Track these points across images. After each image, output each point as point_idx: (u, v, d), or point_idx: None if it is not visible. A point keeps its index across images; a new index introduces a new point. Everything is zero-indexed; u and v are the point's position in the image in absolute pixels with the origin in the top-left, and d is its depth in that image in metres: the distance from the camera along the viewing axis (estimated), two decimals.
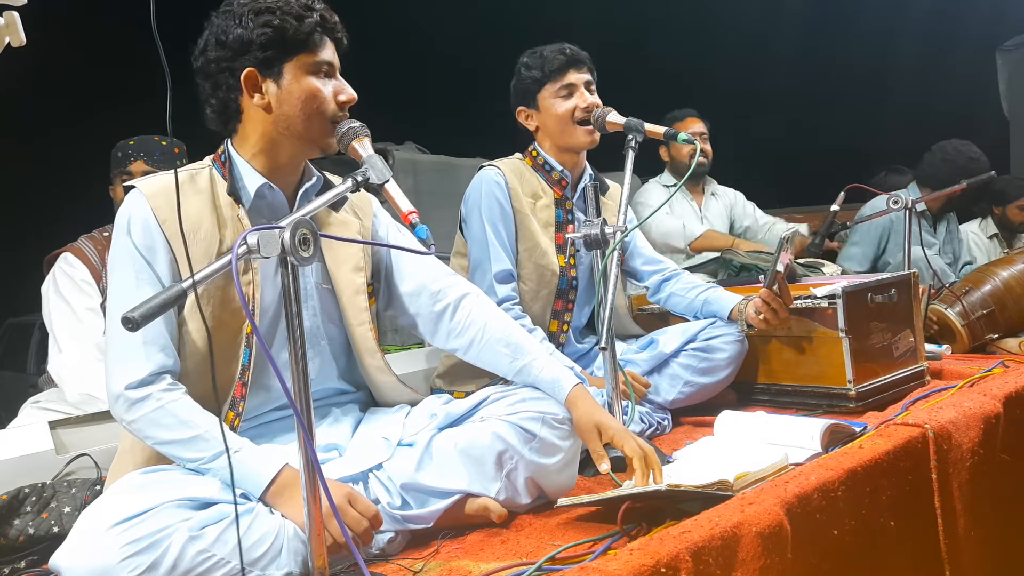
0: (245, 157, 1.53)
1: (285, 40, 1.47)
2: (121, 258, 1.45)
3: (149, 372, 1.39)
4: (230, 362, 1.48)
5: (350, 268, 1.63)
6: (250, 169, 1.52)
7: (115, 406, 1.41)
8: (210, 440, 1.36)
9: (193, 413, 1.39)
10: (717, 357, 2.25)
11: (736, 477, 1.44)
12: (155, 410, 1.37)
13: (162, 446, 1.38)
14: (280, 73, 1.48)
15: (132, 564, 1.17)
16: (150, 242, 1.44)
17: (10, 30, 1.15)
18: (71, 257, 2.26)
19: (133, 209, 1.46)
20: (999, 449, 1.87)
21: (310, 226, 1.11)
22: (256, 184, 1.51)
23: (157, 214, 1.44)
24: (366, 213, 1.71)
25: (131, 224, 1.45)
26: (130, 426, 1.40)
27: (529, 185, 2.30)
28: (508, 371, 1.66)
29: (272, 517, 1.32)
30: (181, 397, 1.40)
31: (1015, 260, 2.89)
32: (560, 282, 2.28)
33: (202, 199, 1.49)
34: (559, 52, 2.23)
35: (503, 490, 1.52)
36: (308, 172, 1.60)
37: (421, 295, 1.70)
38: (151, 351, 1.40)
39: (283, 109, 1.48)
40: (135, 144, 2.32)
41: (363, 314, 1.63)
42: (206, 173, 1.53)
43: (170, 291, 1.07)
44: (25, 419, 2.16)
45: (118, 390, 1.39)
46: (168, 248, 1.44)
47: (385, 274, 1.72)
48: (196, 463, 1.36)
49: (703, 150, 3.47)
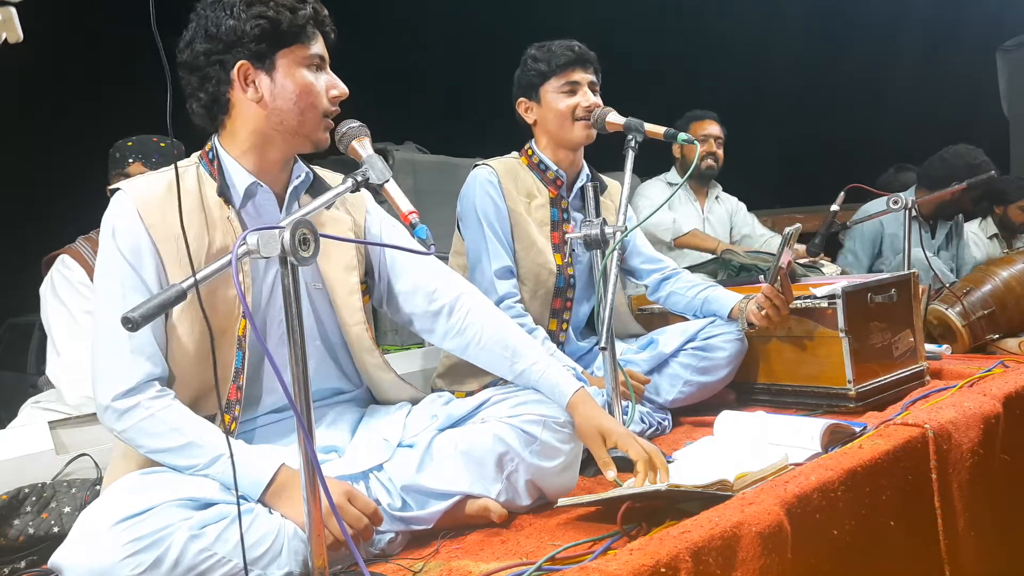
0: (234, 155, 1.50)
1: (279, 32, 1.44)
2: (106, 264, 1.41)
3: (137, 381, 1.37)
4: (220, 366, 1.46)
5: (342, 268, 1.61)
6: (239, 167, 1.50)
7: (104, 416, 1.39)
8: (204, 446, 1.35)
9: (184, 419, 1.37)
10: (717, 356, 2.25)
11: (736, 477, 1.44)
12: (145, 419, 1.36)
13: (155, 454, 1.37)
14: (273, 66, 1.45)
15: (133, 563, 1.17)
16: (136, 247, 1.40)
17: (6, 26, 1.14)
18: (68, 259, 2.25)
19: (118, 212, 1.42)
20: (999, 449, 1.87)
21: (310, 226, 1.11)
22: (245, 183, 1.49)
23: (144, 217, 1.41)
24: (358, 209, 1.69)
25: (116, 228, 1.41)
26: (121, 435, 1.38)
27: (524, 184, 2.30)
28: (507, 373, 1.66)
29: (272, 517, 1.32)
30: (171, 404, 1.38)
31: (1015, 260, 2.89)
32: (557, 281, 2.28)
33: (189, 200, 1.46)
34: (567, 48, 2.24)
35: (503, 492, 1.52)
36: (297, 169, 1.57)
37: (417, 294, 1.68)
38: (138, 360, 1.38)
39: (277, 103, 1.46)
40: (133, 145, 2.31)
41: (358, 314, 1.62)
42: (193, 172, 1.50)
43: (169, 292, 1.07)
44: (25, 419, 2.16)
45: (105, 402, 1.37)
46: (155, 252, 1.41)
47: (379, 271, 1.70)
48: (192, 470, 1.35)
49: (714, 154, 3.48)
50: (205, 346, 1.43)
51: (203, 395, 1.46)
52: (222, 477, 1.33)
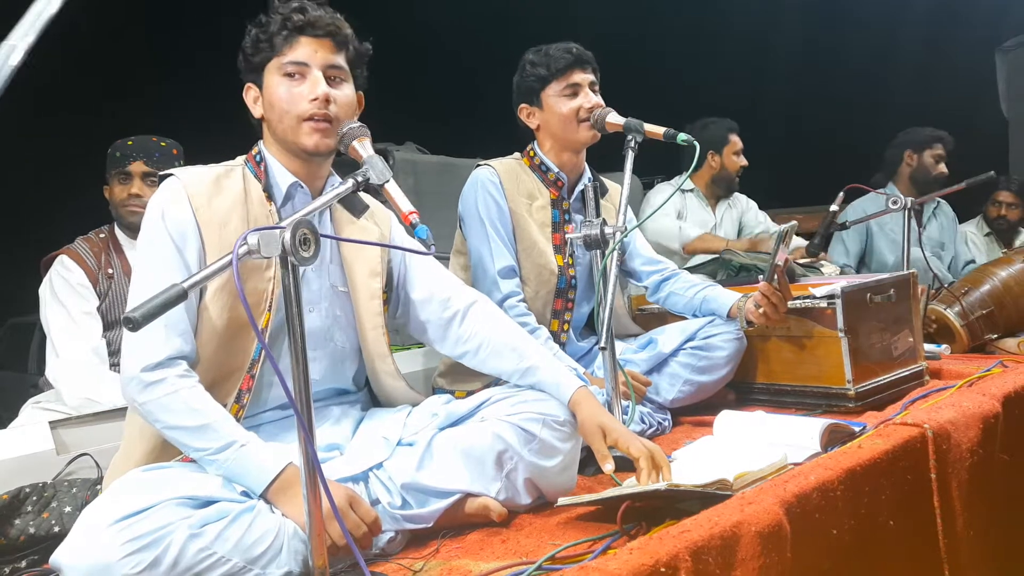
0: (275, 157, 1.58)
1: (258, 47, 1.53)
2: (152, 242, 1.46)
3: (167, 356, 1.40)
4: (239, 353, 1.49)
5: (367, 273, 1.65)
6: (282, 168, 1.57)
7: (128, 386, 1.41)
8: (219, 431, 1.36)
9: (205, 403, 1.39)
10: (716, 355, 2.26)
11: (736, 477, 1.44)
12: (168, 395, 1.38)
13: (170, 431, 1.38)
14: (261, 82, 1.55)
15: (133, 561, 1.18)
16: (183, 229, 1.46)
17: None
18: (67, 260, 2.25)
19: (169, 197, 1.48)
20: (998, 449, 1.87)
21: (310, 226, 1.12)
22: (287, 183, 1.56)
23: (192, 201, 1.47)
24: (385, 222, 1.75)
25: (165, 211, 1.47)
26: (141, 407, 1.40)
27: (525, 185, 2.30)
28: (513, 374, 1.67)
29: (273, 516, 1.32)
30: (195, 386, 1.41)
31: (1014, 260, 2.90)
32: (559, 281, 2.28)
33: (234, 195, 1.52)
34: (565, 51, 2.24)
35: (503, 490, 1.53)
36: (332, 175, 1.65)
37: (431, 302, 1.72)
38: (171, 335, 1.41)
39: (268, 115, 1.56)
40: (133, 144, 2.32)
41: (377, 318, 1.65)
42: (238, 171, 1.57)
43: (170, 291, 1.07)
44: (26, 419, 2.16)
45: (133, 372, 1.39)
46: (199, 236, 1.47)
47: (398, 282, 1.74)
48: (202, 453, 1.36)
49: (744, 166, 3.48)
50: (230, 332, 1.47)
51: (219, 381, 1.48)
52: (228, 466, 1.34)
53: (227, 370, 1.49)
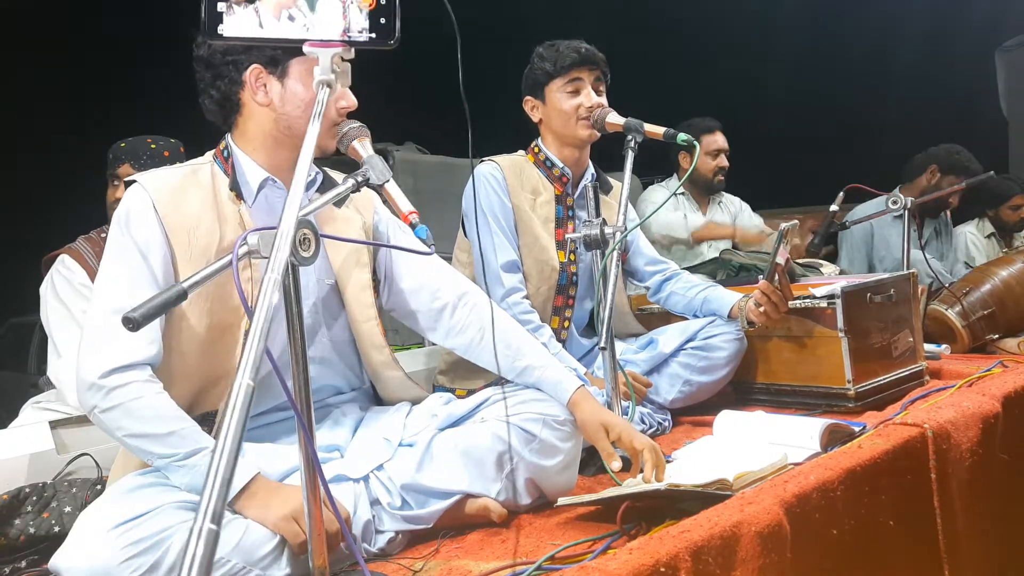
0: (247, 152, 1.52)
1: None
2: (116, 251, 1.42)
3: (132, 360, 1.34)
4: (227, 359, 1.46)
5: (354, 264, 1.61)
6: (252, 164, 1.51)
7: (86, 394, 1.34)
8: (186, 438, 1.32)
9: (172, 410, 1.35)
10: (716, 356, 2.26)
11: (735, 477, 1.44)
12: (133, 400, 1.32)
13: (133, 439, 1.32)
14: (286, 72, 1.46)
15: (133, 565, 1.18)
16: (148, 238, 1.41)
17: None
18: (68, 260, 2.25)
19: (133, 202, 1.43)
20: (998, 449, 1.87)
21: (311, 226, 1.11)
22: (259, 179, 1.51)
23: (158, 208, 1.42)
24: (367, 209, 1.70)
25: (130, 217, 1.42)
26: (103, 415, 1.33)
27: (529, 181, 2.30)
28: (508, 372, 1.66)
29: None
30: (162, 392, 1.36)
31: (1014, 260, 2.90)
32: (560, 278, 2.28)
33: (203, 195, 1.47)
34: (573, 49, 2.25)
35: (503, 491, 1.52)
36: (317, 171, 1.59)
37: (421, 292, 1.69)
38: (137, 340, 1.34)
39: (285, 109, 1.47)
40: (125, 147, 2.30)
41: (369, 310, 1.62)
42: (207, 169, 1.51)
43: (171, 291, 1.07)
44: (26, 419, 2.16)
45: (91, 378, 1.32)
46: (166, 244, 1.42)
47: (386, 270, 1.71)
48: (168, 459, 1.31)
49: (724, 168, 3.47)
50: (211, 337, 1.44)
51: (206, 389, 1.45)
52: (195, 473, 1.30)
53: (214, 376, 1.45)
